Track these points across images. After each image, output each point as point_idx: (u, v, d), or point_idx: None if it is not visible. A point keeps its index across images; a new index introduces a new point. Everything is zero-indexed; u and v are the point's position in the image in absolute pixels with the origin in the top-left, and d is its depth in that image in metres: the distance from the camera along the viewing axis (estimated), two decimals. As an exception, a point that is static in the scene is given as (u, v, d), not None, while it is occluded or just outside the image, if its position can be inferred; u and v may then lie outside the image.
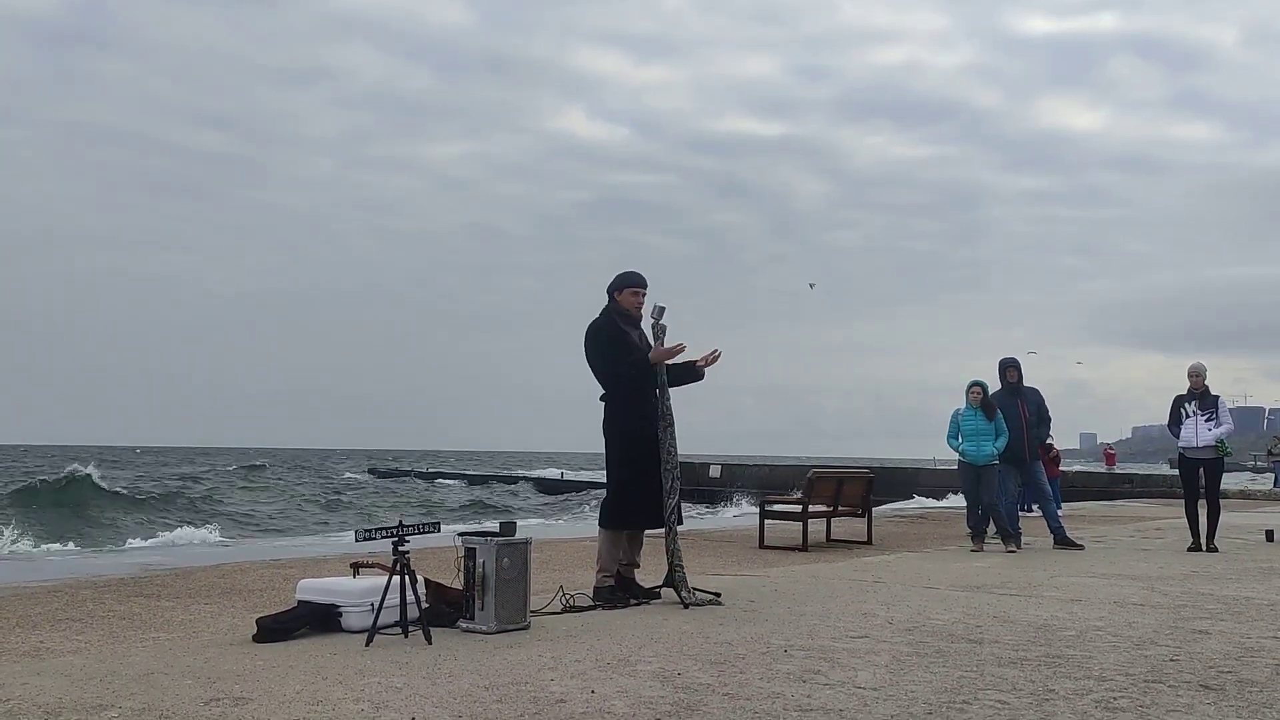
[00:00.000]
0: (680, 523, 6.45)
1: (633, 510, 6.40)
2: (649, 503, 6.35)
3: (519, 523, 6.45)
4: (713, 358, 6.67)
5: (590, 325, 6.55)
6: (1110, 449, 48.56)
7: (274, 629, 5.09)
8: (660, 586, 6.42)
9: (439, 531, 5.78)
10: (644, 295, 6.59)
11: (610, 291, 6.61)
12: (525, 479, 50.31)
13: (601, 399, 6.54)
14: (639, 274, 6.64)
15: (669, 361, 6.45)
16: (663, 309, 6.54)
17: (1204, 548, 10.44)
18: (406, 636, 4.97)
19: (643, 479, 6.36)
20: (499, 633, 5.17)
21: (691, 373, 6.64)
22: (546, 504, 35.88)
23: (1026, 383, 11.26)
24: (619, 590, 6.38)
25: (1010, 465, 10.82)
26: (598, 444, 6.60)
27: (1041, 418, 11.25)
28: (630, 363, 6.38)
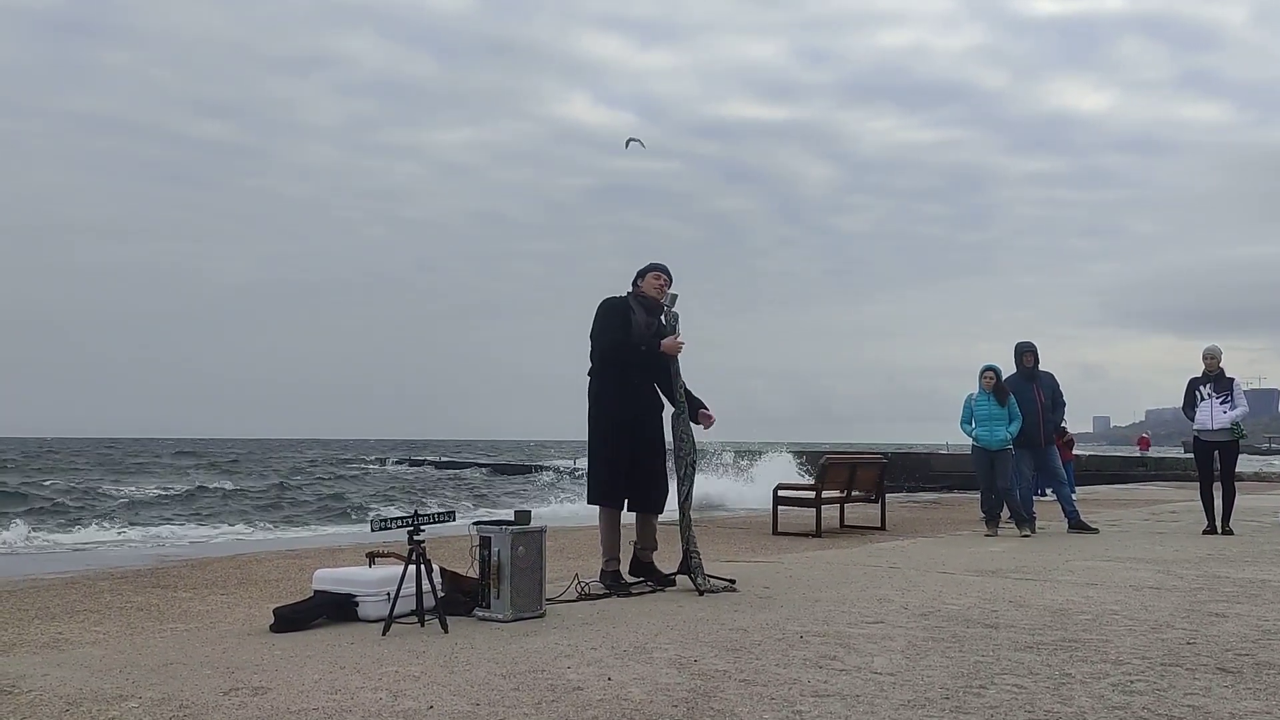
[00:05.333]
0: (688, 509, 6.44)
1: (607, 488, 6.42)
2: (623, 482, 6.37)
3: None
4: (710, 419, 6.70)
5: (605, 299, 6.60)
6: (1145, 435, 48.29)
7: (291, 619, 5.12)
8: (675, 573, 6.44)
9: (454, 520, 5.80)
10: (665, 282, 6.62)
11: (635, 278, 6.68)
12: (480, 464, 50.75)
13: (589, 374, 6.55)
14: (664, 264, 6.72)
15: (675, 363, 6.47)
16: (675, 296, 6.60)
17: (1219, 530, 10.41)
18: (423, 625, 4.99)
19: (618, 459, 6.36)
20: (515, 621, 5.19)
21: (692, 411, 6.56)
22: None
23: (1042, 367, 11.23)
24: (622, 576, 6.39)
25: (1025, 450, 10.80)
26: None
27: (1056, 402, 11.22)
28: (630, 344, 6.37)
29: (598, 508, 6.48)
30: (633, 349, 6.39)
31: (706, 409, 6.64)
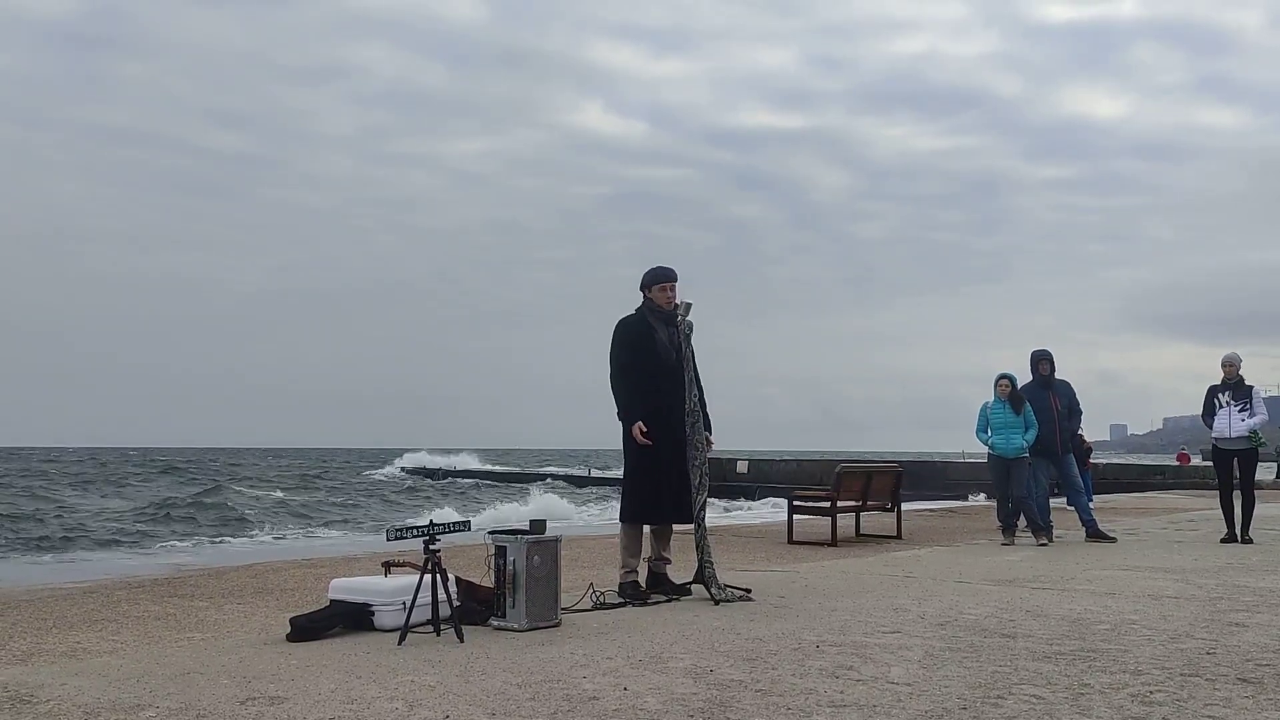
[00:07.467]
0: (702, 518, 6.43)
1: (640, 505, 6.43)
2: (658, 498, 6.38)
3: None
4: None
5: (620, 320, 6.56)
6: (1184, 451, 47.97)
7: (307, 628, 5.13)
8: (690, 583, 6.42)
9: (469, 530, 5.80)
10: (673, 289, 6.56)
11: (641, 288, 6.61)
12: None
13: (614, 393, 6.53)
14: (668, 268, 6.62)
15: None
16: (688, 305, 6.53)
17: (1238, 539, 10.33)
18: (439, 635, 4.99)
19: (652, 474, 6.36)
20: (530, 630, 5.19)
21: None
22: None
23: (1058, 375, 11.18)
24: (640, 586, 6.39)
25: (1042, 458, 10.74)
26: (617, 440, 6.58)
27: (1073, 411, 11.16)
28: (627, 399, 6.38)
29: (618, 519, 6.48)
30: (631, 411, 6.36)
31: (710, 433, 6.58)
